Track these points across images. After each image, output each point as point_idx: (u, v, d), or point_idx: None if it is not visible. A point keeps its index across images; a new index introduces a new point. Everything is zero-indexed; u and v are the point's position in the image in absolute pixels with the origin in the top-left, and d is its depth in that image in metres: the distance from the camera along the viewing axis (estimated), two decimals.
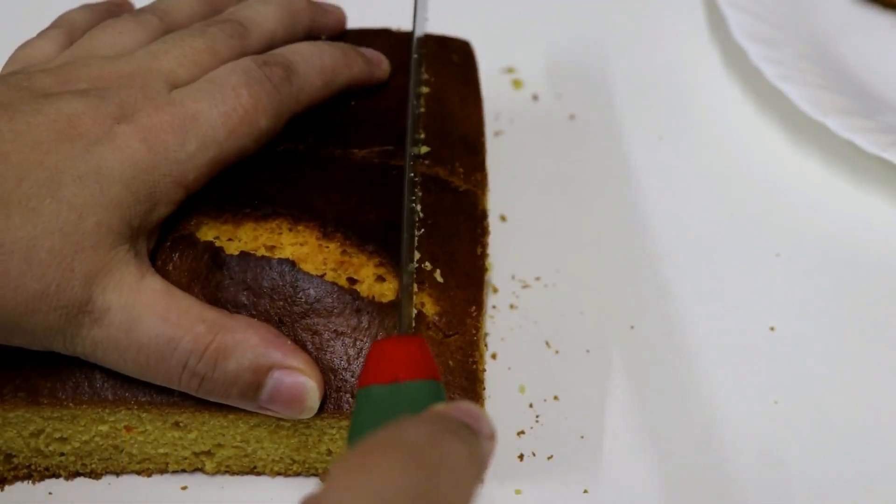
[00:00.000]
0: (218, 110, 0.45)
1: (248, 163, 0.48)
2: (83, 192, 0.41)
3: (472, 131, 0.54)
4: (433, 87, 0.54)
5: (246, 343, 0.43)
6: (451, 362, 0.45)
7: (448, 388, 0.44)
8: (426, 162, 0.50)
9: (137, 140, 0.43)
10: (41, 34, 0.50)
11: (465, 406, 0.35)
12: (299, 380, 0.43)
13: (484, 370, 0.46)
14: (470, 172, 0.51)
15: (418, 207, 0.48)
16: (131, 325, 0.42)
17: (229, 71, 0.46)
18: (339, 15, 0.56)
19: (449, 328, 0.45)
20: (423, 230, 0.48)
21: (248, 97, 0.45)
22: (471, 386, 0.45)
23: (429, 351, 0.38)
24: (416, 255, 0.46)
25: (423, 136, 0.51)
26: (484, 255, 0.49)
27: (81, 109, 0.43)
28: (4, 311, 0.41)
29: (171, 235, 0.46)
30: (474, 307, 0.46)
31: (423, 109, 0.52)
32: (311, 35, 0.54)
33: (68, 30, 0.50)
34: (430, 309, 0.46)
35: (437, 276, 0.46)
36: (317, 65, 0.50)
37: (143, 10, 0.51)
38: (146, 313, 0.42)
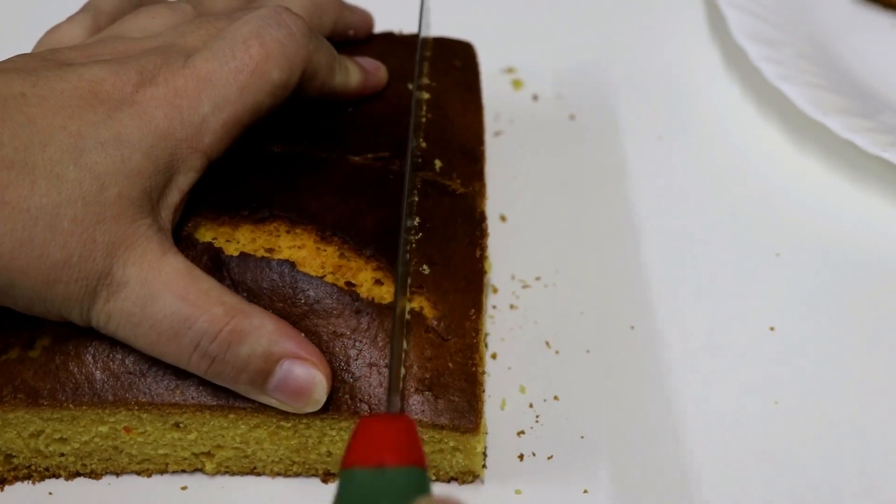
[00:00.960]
0: (228, 67, 0.44)
1: (245, 164, 0.48)
2: (105, 160, 0.41)
3: (472, 140, 0.54)
4: (434, 93, 0.54)
5: (261, 329, 0.42)
6: (450, 364, 0.45)
7: (448, 390, 0.44)
8: (428, 174, 0.50)
9: (155, 106, 0.43)
10: (70, 19, 0.50)
11: (446, 500, 0.35)
12: (310, 372, 0.43)
13: (483, 372, 0.46)
14: (468, 182, 0.51)
15: (416, 222, 0.48)
16: (147, 300, 0.42)
17: (242, 23, 0.46)
18: (367, 16, 0.57)
19: (448, 332, 0.45)
20: (420, 234, 0.48)
21: (258, 48, 0.45)
22: (470, 388, 0.45)
23: (416, 431, 0.37)
24: (414, 261, 0.46)
25: (424, 145, 0.51)
26: (483, 258, 0.48)
27: (103, 76, 0.43)
28: (27, 278, 0.40)
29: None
30: (473, 310, 0.46)
31: (424, 119, 0.52)
32: (337, 31, 0.54)
33: (95, 14, 0.50)
34: (428, 312, 0.46)
35: (436, 279, 0.46)
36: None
37: None
38: (164, 291, 0.42)
